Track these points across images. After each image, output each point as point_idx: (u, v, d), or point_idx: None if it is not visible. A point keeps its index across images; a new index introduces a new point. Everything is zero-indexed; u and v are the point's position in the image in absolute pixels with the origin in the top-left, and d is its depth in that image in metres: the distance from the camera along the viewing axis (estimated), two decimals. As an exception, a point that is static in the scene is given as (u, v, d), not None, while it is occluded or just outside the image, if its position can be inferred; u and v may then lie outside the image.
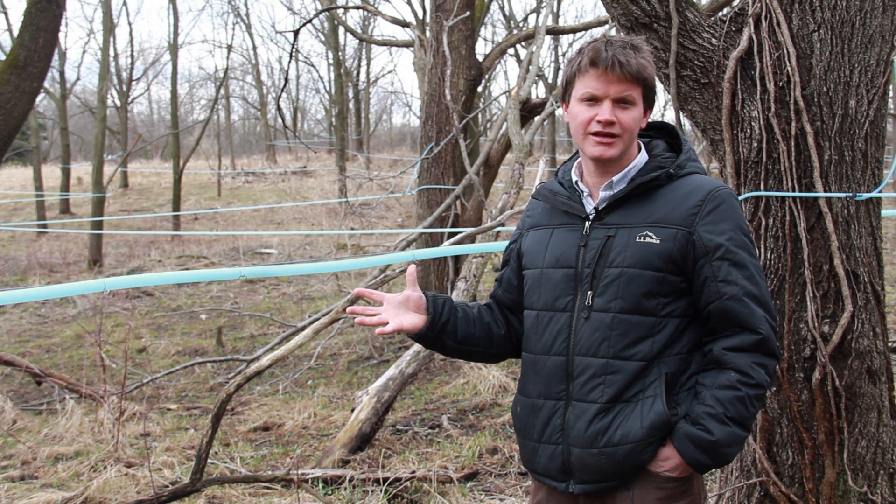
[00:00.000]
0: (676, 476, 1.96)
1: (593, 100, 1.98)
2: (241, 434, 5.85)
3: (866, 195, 2.88)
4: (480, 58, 8.87)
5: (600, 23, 8.79)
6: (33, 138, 22.46)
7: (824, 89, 2.82)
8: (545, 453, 2.04)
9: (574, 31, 10.24)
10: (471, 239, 5.36)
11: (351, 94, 32.08)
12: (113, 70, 24.82)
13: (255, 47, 50.67)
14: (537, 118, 8.45)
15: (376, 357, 7.91)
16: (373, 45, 31.02)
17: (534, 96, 8.87)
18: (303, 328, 6.76)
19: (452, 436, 5.40)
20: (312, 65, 37.21)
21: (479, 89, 11.16)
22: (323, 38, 30.73)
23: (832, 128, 2.83)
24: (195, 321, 10.30)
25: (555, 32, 11.14)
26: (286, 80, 8.07)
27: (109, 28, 17.95)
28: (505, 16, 25.10)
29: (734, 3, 3.25)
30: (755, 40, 2.89)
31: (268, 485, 4.46)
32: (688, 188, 2.00)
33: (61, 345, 9.28)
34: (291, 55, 7.79)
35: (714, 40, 2.95)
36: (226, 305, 11.09)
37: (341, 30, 24.77)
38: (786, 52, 2.83)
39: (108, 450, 5.28)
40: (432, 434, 5.55)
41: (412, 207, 16.87)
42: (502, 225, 5.66)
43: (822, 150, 2.84)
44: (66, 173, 21.54)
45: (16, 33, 6.80)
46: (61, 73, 22.08)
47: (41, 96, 19.82)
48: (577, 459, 1.98)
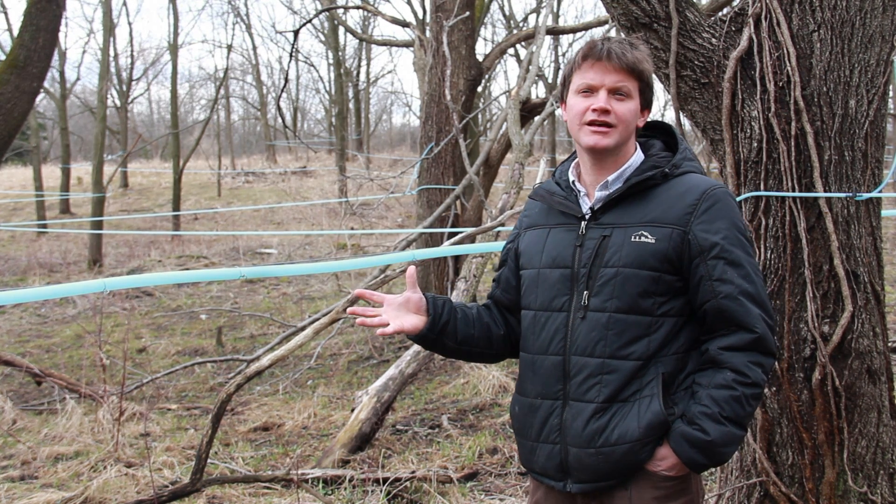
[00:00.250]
0: (673, 475, 1.97)
1: (589, 91, 2.01)
2: (241, 434, 5.85)
3: (866, 195, 2.88)
4: (480, 58, 8.87)
5: (600, 23, 8.79)
6: (33, 138, 22.45)
7: (824, 89, 2.82)
8: (543, 453, 2.05)
9: (574, 31, 10.24)
10: (471, 239, 5.36)
11: (351, 94, 32.07)
12: (113, 70, 24.85)
13: (255, 47, 50.87)
14: (537, 118, 8.45)
15: (376, 357, 7.91)
16: (373, 45, 31.06)
17: (534, 96, 8.87)
18: (303, 328, 6.76)
19: (452, 436, 5.40)
20: (312, 65, 37.25)
21: (479, 89, 11.16)
22: (323, 38, 30.77)
23: (832, 128, 2.83)
24: (195, 321, 10.30)
25: (555, 32, 11.14)
26: (286, 80, 8.08)
27: (109, 28, 17.95)
28: (505, 16, 25.14)
29: (734, 3, 3.25)
30: (755, 40, 2.89)
31: (268, 485, 4.47)
32: (683, 187, 2.00)
33: (61, 345, 9.28)
34: (291, 55, 7.79)
35: (714, 40, 2.95)
36: (226, 305, 11.09)
37: (341, 30, 24.79)
38: (786, 52, 2.82)
39: (108, 450, 5.28)
40: (432, 434, 5.55)
41: (412, 207, 16.88)
42: (502, 225, 5.66)
43: (822, 150, 2.84)
44: (66, 173, 21.55)
45: (16, 33, 6.80)
46: (61, 73, 22.11)
47: (41, 96, 19.84)
48: (575, 459, 1.99)
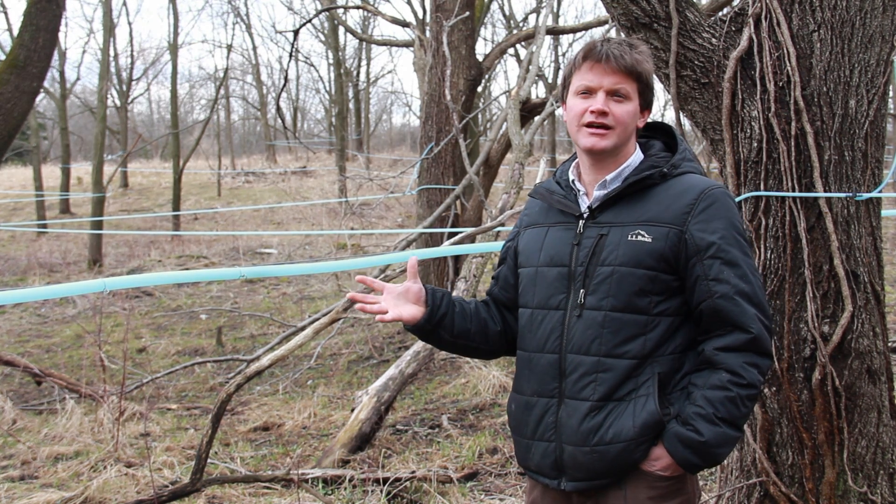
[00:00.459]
0: (668, 475, 1.97)
1: (588, 92, 2.01)
2: (241, 434, 5.85)
3: (866, 195, 2.88)
4: (480, 58, 8.87)
5: (600, 23, 8.80)
6: (33, 138, 22.45)
7: (824, 89, 2.82)
8: (538, 450, 2.05)
9: (574, 31, 10.25)
10: (471, 239, 5.36)
11: (351, 94, 32.06)
12: (113, 70, 24.84)
13: (255, 47, 50.76)
14: (537, 118, 8.45)
15: (376, 357, 7.91)
16: (373, 45, 31.05)
17: (534, 96, 8.87)
18: (303, 328, 6.76)
19: (452, 436, 5.40)
20: (312, 65, 37.23)
21: (479, 89, 11.15)
22: (323, 38, 30.76)
23: (832, 128, 2.83)
24: (195, 321, 10.30)
25: (555, 32, 11.14)
26: (286, 80, 8.08)
27: (109, 28, 17.95)
28: (505, 16, 25.12)
29: (734, 3, 3.25)
30: (755, 40, 2.89)
31: (268, 485, 4.47)
32: (681, 187, 2.00)
33: (61, 345, 9.28)
34: (291, 55, 7.79)
35: (714, 40, 2.95)
36: (226, 305, 11.09)
37: (341, 30, 24.77)
38: (786, 52, 2.82)
39: (108, 450, 5.28)
40: (432, 434, 5.55)
41: (412, 207, 16.87)
42: (502, 225, 5.66)
43: (822, 150, 2.84)
44: (66, 173, 21.54)
45: (16, 33, 6.80)
46: (61, 73, 22.10)
47: (41, 96, 19.84)
48: (570, 457, 1.99)
